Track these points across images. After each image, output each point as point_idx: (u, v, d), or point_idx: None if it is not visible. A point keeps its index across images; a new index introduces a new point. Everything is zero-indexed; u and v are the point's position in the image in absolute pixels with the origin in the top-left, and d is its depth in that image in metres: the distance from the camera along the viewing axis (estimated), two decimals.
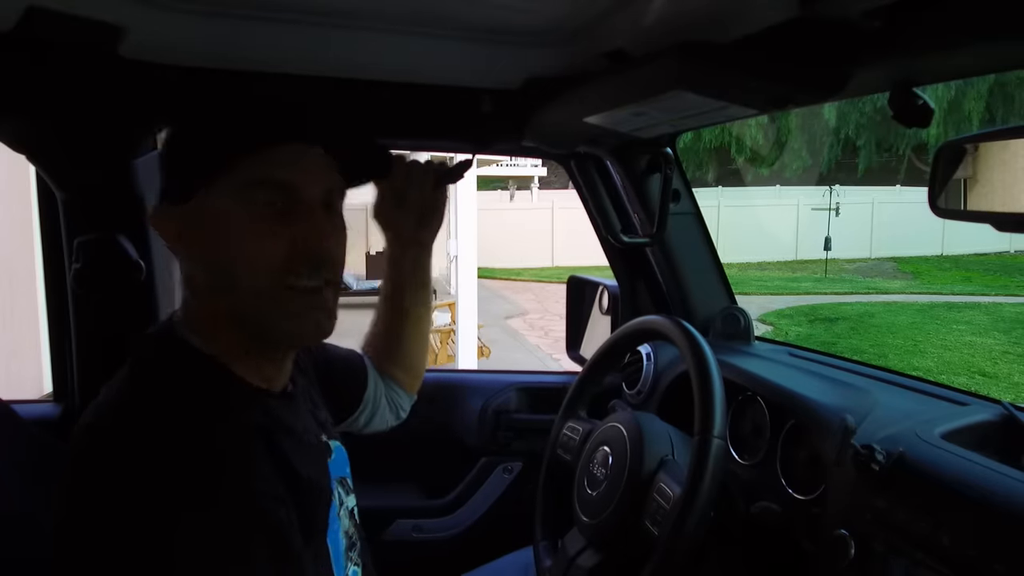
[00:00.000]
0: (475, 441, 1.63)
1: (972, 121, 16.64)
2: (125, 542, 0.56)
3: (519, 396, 1.66)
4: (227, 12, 0.89)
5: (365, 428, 1.08)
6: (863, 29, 0.71)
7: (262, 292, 0.68)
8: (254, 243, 0.67)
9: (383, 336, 1.10)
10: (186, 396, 0.66)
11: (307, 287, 0.69)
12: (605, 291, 1.63)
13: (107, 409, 0.65)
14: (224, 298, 0.69)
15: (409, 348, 1.10)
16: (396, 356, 1.10)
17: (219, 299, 0.70)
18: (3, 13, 0.80)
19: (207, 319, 0.71)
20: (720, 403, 0.91)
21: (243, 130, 0.69)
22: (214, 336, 0.71)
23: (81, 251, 1.07)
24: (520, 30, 0.97)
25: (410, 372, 1.12)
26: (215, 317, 0.71)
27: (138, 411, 0.64)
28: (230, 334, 0.71)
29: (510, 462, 1.63)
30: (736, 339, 1.42)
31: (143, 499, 0.57)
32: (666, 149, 1.25)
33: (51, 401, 1.32)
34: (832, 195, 16.19)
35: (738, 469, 1.11)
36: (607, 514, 1.00)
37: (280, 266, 0.68)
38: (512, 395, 1.65)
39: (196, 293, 0.72)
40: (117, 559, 0.56)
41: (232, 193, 0.67)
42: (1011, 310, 10.47)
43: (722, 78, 0.79)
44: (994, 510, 0.73)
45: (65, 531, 0.59)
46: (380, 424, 1.09)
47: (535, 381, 1.71)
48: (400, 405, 1.12)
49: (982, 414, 0.94)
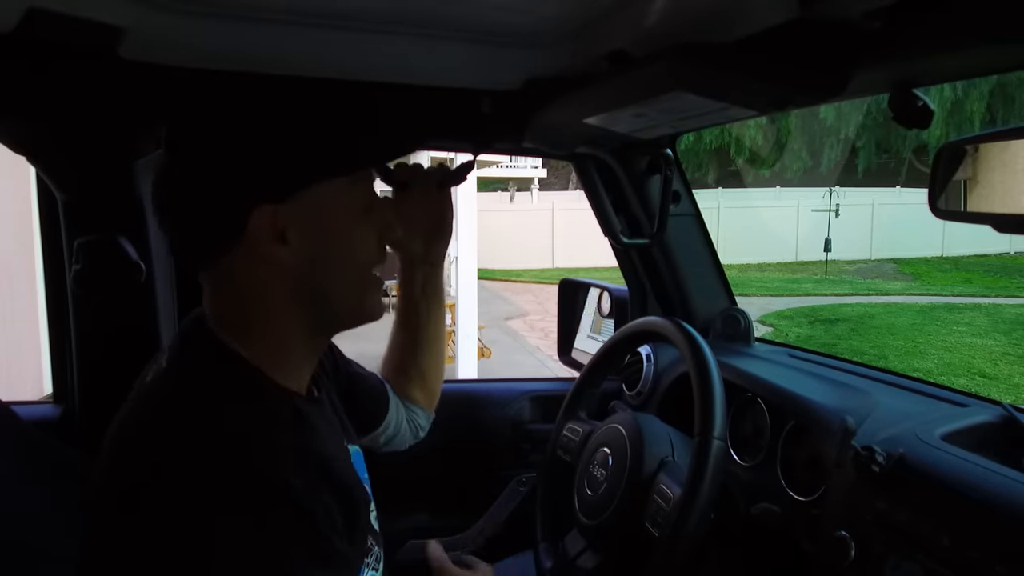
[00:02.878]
0: (491, 453, 1.59)
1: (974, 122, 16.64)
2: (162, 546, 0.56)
3: (533, 405, 1.63)
4: (227, 13, 0.89)
5: (384, 447, 1.08)
6: (863, 30, 0.71)
7: (362, 277, 0.74)
8: (366, 232, 0.74)
9: (399, 357, 1.10)
10: (223, 399, 0.65)
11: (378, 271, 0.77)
12: (605, 294, 1.63)
13: (145, 410, 0.65)
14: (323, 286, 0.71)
15: (426, 367, 1.10)
16: (412, 376, 1.10)
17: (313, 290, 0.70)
18: (3, 14, 0.80)
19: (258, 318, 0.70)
20: (720, 404, 0.91)
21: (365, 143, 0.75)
22: (253, 336, 0.70)
23: (81, 252, 1.07)
24: (520, 31, 0.97)
25: (427, 391, 1.12)
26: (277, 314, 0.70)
27: (176, 415, 0.63)
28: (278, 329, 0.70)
29: (525, 474, 1.59)
30: (736, 340, 1.42)
31: (182, 505, 0.57)
32: (666, 150, 1.25)
33: (51, 402, 1.32)
34: (832, 196, 16.20)
35: (738, 470, 1.11)
36: (607, 515, 1.00)
37: (378, 252, 0.76)
38: (526, 404, 1.62)
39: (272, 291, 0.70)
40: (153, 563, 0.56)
41: (345, 188, 0.71)
42: (1011, 311, 10.46)
43: (722, 79, 0.79)
44: (994, 511, 0.73)
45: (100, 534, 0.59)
46: (399, 444, 1.09)
47: (548, 389, 1.67)
48: (419, 425, 1.12)
49: (982, 415, 0.94)
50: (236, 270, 0.69)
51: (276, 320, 0.70)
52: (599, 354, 1.24)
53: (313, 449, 0.67)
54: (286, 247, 0.68)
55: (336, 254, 0.71)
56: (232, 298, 0.70)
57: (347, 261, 0.72)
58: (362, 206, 0.73)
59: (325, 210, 0.69)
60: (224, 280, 0.70)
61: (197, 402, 0.64)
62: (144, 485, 0.59)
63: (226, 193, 0.67)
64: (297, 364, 0.74)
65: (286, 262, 0.68)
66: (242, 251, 0.67)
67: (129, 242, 1.09)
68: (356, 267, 0.73)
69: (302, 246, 0.68)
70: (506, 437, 1.59)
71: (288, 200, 0.67)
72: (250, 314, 0.70)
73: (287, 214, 0.67)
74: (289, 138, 0.69)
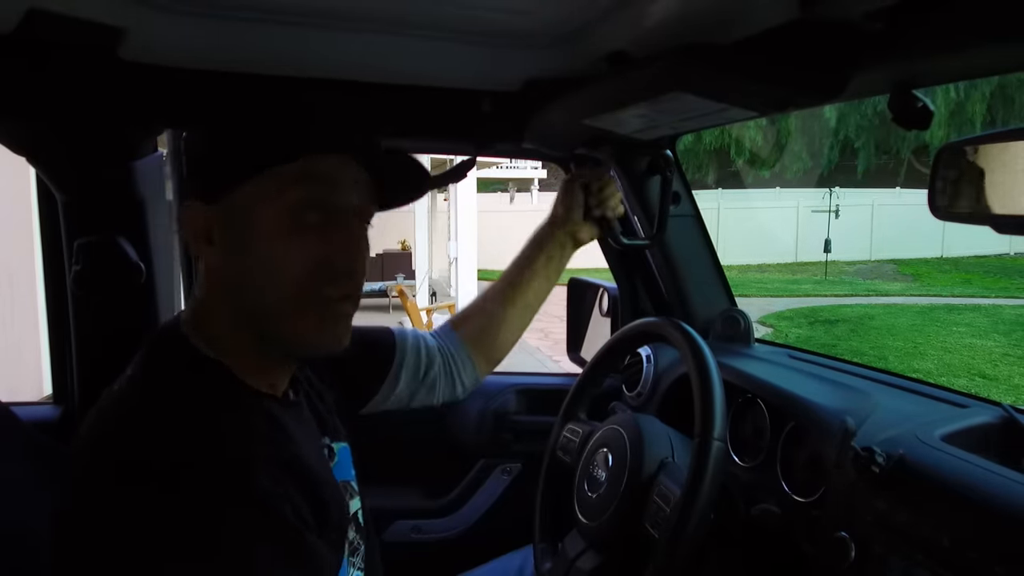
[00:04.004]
0: (475, 443, 1.63)
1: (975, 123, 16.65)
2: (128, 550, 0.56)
3: (519, 398, 1.66)
4: (227, 14, 0.89)
5: (413, 400, 1.07)
6: (863, 31, 0.71)
7: (290, 297, 0.68)
8: (291, 248, 0.67)
9: (487, 318, 1.11)
10: (191, 403, 0.65)
11: (332, 297, 0.70)
12: (605, 293, 1.63)
13: (111, 416, 0.65)
14: (245, 300, 0.69)
15: (505, 339, 1.12)
16: (487, 341, 1.11)
17: (239, 300, 0.69)
18: (3, 15, 0.80)
19: (217, 322, 0.71)
20: (720, 405, 0.90)
21: (290, 136, 0.70)
22: (221, 339, 0.70)
23: (81, 253, 1.07)
24: (520, 32, 0.97)
25: (491, 361, 1.14)
26: (227, 319, 0.70)
27: (143, 419, 0.63)
28: (240, 336, 0.70)
29: (509, 463, 1.63)
30: (736, 341, 1.42)
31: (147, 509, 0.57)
32: (666, 151, 1.25)
33: (51, 403, 1.32)
34: (832, 197, 16.20)
35: (738, 471, 1.11)
36: (607, 516, 1.00)
37: (312, 273, 0.68)
38: (512, 397, 1.65)
39: (211, 294, 0.71)
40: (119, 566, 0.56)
41: (272, 196, 0.67)
42: (1011, 312, 10.47)
43: (722, 80, 0.80)
44: (994, 512, 0.73)
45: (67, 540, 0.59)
46: (430, 397, 1.08)
47: (534, 383, 1.71)
48: (463, 382, 1.11)
49: (982, 416, 0.94)
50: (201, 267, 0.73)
51: (223, 320, 0.71)
52: (599, 355, 1.24)
53: (282, 452, 0.67)
54: (211, 247, 0.69)
55: (264, 262, 0.68)
56: (198, 295, 0.73)
57: (267, 275, 0.68)
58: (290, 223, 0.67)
59: (247, 217, 0.68)
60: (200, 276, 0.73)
61: (165, 408, 0.64)
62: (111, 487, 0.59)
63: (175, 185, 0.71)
64: (268, 368, 0.73)
65: (211, 263, 0.70)
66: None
67: (129, 243, 1.09)
68: (279, 284, 0.68)
69: (225, 249, 0.69)
70: (490, 427, 1.63)
71: (217, 201, 0.68)
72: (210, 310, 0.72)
73: (214, 214, 0.69)
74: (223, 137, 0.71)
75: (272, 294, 0.68)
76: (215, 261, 0.70)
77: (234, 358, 0.70)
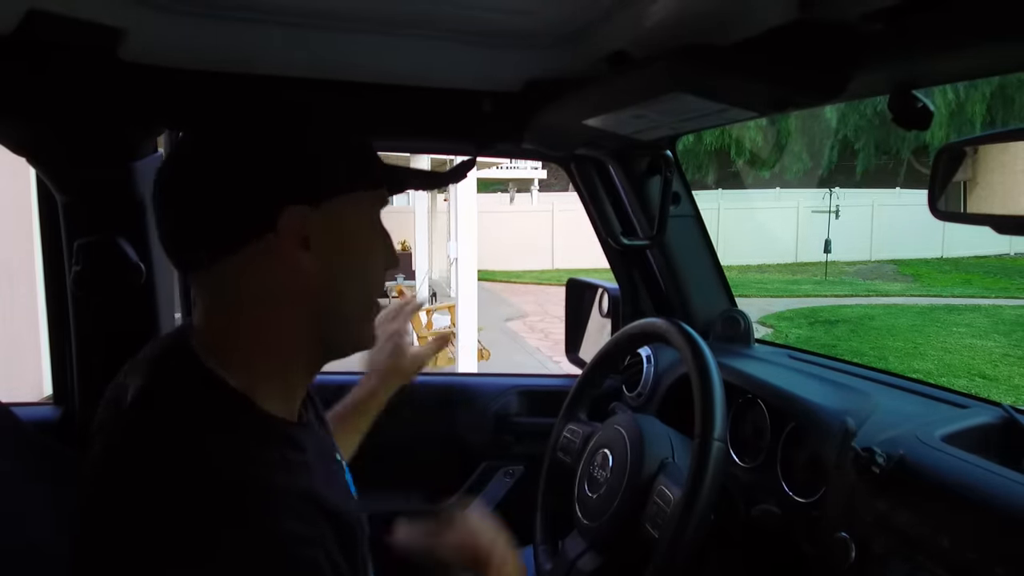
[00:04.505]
0: (476, 445, 1.62)
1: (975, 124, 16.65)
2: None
3: (520, 399, 1.66)
4: (227, 15, 0.89)
5: None
6: (863, 32, 0.71)
7: (370, 296, 0.72)
8: (375, 249, 0.71)
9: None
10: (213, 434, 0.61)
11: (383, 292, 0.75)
12: (605, 294, 1.63)
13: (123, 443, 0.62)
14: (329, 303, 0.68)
15: None
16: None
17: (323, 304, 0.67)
18: (3, 16, 0.81)
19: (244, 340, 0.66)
20: (720, 406, 0.90)
21: None
22: (244, 360, 0.66)
23: (81, 253, 1.07)
24: (520, 33, 0.97)
25: None
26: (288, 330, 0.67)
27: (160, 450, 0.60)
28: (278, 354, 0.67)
29: (511, 466, 1.63)
30: (736, 342, 1.42)
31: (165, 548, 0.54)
32: (666, 151, 1.25)
33: (51, 404, 1.32)
34: (832, 197, 16.20)
35: (738, 472, 1.11)
36: (607, 517, 1.00)
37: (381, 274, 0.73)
38: (513, 398, 1.65)
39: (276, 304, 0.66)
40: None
41: (369, 202, 0.70)
42: (1011, 313, 10.47)
43: (722, 81, 0.80)
44: (994, 513, 0.73)
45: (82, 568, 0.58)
46: None
47: (535, 384, 1.71)
48: None
49: (982, 417, 0.94)
50: (242, 272, 0.65)
51: (276, 333, 0.67)
52: (599, 355, 1.24)
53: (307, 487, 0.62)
54: (308, 253, 0.65)
55: (354, 267, 0.69)
56: (232, 305, 0.66)
57: (362, 276, 0.70)
58: (377, 223, 0.72)
59: (348, 221, 0.68)
60: (227, 282, 0.65)
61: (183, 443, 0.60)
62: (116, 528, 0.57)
63: (262, 186, 0.64)
64: (290, 391, 0.70)
65: (305, 268, 0.65)
66: (258, 251, 0.64)
67: (129, 243, 1.09)
68: (368, 284, 0.71)
69: (323, 254, 0.66)
70: (491, 429, 1.62)
71: (319, 205, 0.65)
72: (249, 325, 0.66)
73: (315, 218, 0.65)
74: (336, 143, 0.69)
75: (360, 294, 0.71)
76: (311, 265, 0.66)
77: (254, 381, 0.66)
